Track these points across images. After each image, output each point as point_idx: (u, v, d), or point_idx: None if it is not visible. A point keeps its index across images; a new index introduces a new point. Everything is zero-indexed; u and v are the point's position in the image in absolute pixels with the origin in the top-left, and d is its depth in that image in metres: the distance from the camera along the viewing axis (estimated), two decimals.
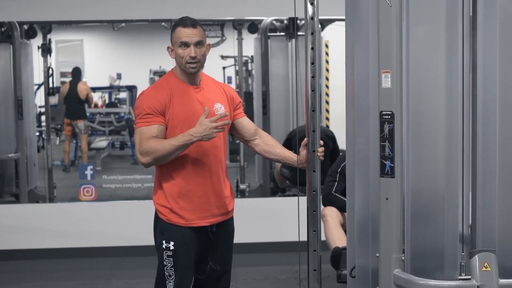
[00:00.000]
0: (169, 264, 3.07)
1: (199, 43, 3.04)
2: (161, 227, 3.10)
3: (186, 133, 2.94)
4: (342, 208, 4.22)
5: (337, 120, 7.74)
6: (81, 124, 9.34)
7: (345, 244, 3.09)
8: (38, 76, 7.50)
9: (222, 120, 2.97)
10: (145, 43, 12.44)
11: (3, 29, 6.72)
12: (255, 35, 7.06)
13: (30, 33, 6.82)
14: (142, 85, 9.53)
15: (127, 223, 5.71)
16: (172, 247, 3.06)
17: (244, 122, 3.26)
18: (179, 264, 3.07)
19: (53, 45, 7.30)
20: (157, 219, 3.15)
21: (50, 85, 7.16)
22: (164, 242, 3.07)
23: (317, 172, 2.77)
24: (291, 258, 5.34)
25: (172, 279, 3.07)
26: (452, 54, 2.31)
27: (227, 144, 3.24)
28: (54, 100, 9.55)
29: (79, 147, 9.62)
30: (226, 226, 3.21)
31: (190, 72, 3.06)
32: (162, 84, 3.11)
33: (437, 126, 2.32)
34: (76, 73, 9.78)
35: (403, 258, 2.35)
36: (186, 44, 3.02)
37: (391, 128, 2.30)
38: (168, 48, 3.11)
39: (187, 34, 3.02)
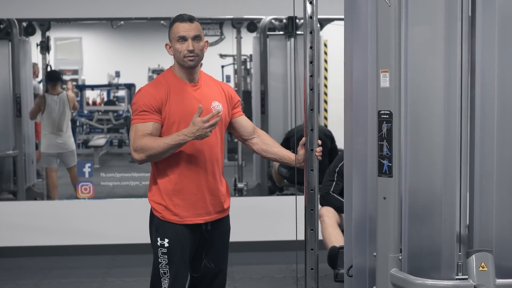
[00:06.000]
0: (164, 262, 3.07)
1: (196, 37, 3.05)
2: (156, 224, 3.11)
3: (180, 133, 2.95)
4: (339, 209, 4.21)
5: (335, 120, 7.74)
6: None
7: (342, 243, 3.09)
8: None
9: (214, 118, 2.93)
10: (144, 41, 12.42)
11: (1, 26, 6.70)
12: (254, 34, 7.06)
13: (28, 31, 6.80)
14: (141, 83, 9.46)
15: (124, 221, 5.70)
16: (166, 244, 3.07)
17: (243, 121, 3.26)
18: (174, 262, 3.07)
19: (51, 43, 7.30)
20: (152, 217, 3.16)
21: None
22: (158, 239, 3.08)
23: (315, 171, 2.77)
24: (289, 257, 5.37)
25: (167, 276, 3.07)
26: (451, 54, 2.31)
27: (224, 142, 3.23)
28: None
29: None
30: (222, 225, 3.21)
31: (189, 65, 3.06)
32: (159, 81, 3.11)
33: (435, 126, 2.31)
34: None
35: (400, 257, 2.34)
36: (184, 38, 3.04)
37: (389, 128, 2.30)
38: (166, 45, 3.12)
39: (184, 28, 3.04)
